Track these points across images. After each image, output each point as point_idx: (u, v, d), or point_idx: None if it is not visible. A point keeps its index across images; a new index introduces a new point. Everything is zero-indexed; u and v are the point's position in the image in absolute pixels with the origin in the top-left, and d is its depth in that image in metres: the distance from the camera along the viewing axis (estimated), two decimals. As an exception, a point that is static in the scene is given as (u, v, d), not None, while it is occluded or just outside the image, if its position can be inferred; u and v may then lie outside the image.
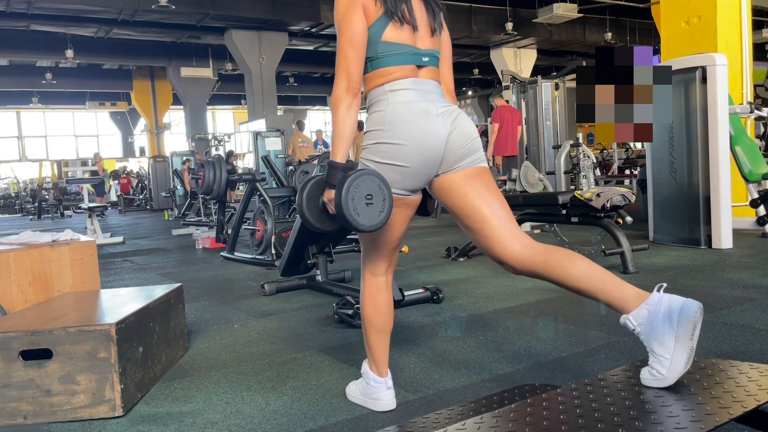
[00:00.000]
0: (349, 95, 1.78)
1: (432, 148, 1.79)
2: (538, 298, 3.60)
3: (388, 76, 1.83)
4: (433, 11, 1.93)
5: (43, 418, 2.15)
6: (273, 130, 11.94)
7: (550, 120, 8.72)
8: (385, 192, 1.74)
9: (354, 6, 1.80)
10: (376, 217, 1.73)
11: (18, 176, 22.71)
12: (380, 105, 1.83)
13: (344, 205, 1.68)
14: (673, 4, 6.42)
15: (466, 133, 1.85)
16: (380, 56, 1.83)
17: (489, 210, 1.82)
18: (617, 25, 16.02)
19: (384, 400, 2.05)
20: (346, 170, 1.73)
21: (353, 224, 1.70)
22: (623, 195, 4.30)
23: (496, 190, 1.87)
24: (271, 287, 4.15)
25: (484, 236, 1.82)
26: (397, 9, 1.82)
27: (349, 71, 1.78)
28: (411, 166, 1.80)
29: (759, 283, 3.67)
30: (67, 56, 14.59)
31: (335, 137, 1.79)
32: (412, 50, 1.85)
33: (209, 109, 22.45)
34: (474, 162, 1.87)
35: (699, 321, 1.49)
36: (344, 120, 1.77)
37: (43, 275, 2.95)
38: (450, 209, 1.90)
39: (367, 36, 1.82)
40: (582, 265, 1.68)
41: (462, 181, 1.85)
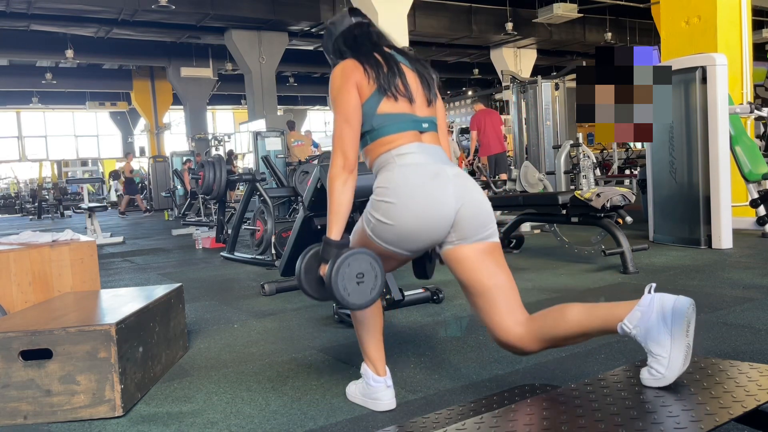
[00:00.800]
0: (345, 172, 1.80)
1: (438, 213, 1.77)
2: (538, 298, 3.60)
3: (392, 144, 1.84)
4: (427, 83, 1.96)
5: (43, 418, 2.15)
6: (273, 130, 11.94)
7: (550, 120, 8.71)
8: (377, 270, 1.77)
9: (347, 84, 1.84)
10: (367, 295, 1.77)
11: (18, 176, 22.70)
12: (389, 167, 1.83)
13: (334, 284, 1.72)
14: (673, 4, 6.42)
15: (478, 203, 1.83)
16: (378, 127, 1.85)
17: (499, 292, 1.79)
18: (617, 25, 16.01)
19: (384, 399, 2.06)
20: (340, 247, 1.77)
21: (343, 303, 1.75)
22: (623, 195, 4.30)
23: (505, 267, 1.85)
24: (271, 287, 4.15)
25: (489, 317, 1.81)
26: (391, 85, 1.85)
27: (344, 149, 1.81)
28: (411, 229, 1.78)
29: (759, 283, 3.67)
30: (67, 56, 14.59)
31: (331, 213, 1.80)
32: (411, 117, 1.88)
33: (209, 109, 22.44)
34: (489, 237, 1.84)
35: (692, 317, 1.50)
36: (340, 197, 1.79)
37: (43, 275, 2.95)
38: (459, 281, 1.88)
39: (360, 113, 1.85)
40: (573, 308, 1.68)
41: (476, 258, 1.82)
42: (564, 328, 1.67)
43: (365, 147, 1.90)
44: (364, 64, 1.88)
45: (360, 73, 1.86)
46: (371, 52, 1.92)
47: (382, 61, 1.90)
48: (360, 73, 1.86)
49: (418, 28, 13.61)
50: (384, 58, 1.91)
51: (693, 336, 1.51)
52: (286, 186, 8.11)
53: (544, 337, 1.72)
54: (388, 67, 1.88)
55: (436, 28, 14.26)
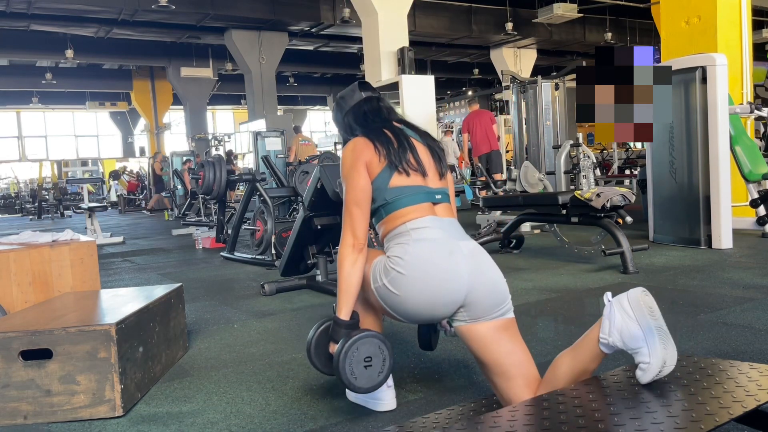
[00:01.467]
0: (355, 252, 1.81)
1: (447, 292, 1.74)
2: (538, 298, 3.60)
3: (406, 216, 1.83)
4: (438, 156, 1.96)
5: (43, 418, 2.15)
6: (273, 130, 11.95)
7: (550, 120, 8.71)
8: (386, 353, 1.79)
9: (357, 164, 1.85)
10: (374, 378, 1.79)
11: (18, 176, 22.69)
12: (403, 237, 1.82)
13: (342, 369, 1.74)
14: (673, 4, 6.42)
15: (492, 283, 1.80)
16: (392, 200, 1.85)
17: (516, 371, 1.77)
18: (617, 25, 16.01)
19: (384, 399, 2.06)
20: (348, 328, 1.79)
21: (350, 388, 1.77)
22: (623, 195, 4.30)
23: (520, 342, 1.83)
24: (271, 287, 4.15)
25: (506, 393, 1.79)
26: (402, 160, 1.86)
27: (354, 229, 1.83)
28: (416, 304, 1.76)
29: (759, 283, 3.67)
30: (67, 56, 14.58)
31: (340, 292, 1.81)
32: (424, 189, 1.88)
33: (209, 109, 22.43)
34: (504, 314, 1.81)
35: (649, 301, 1.55)
36: (349, 276, 1.80)
37: (43, 275, 2.95)
38: (475, 357, 1.85)
39: (370, 193, 1.86)
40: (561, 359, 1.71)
41: (491, 335, 1.79)
42: (563, 380, 1.68)
43: (380, 220, 1.89)
44: (374, 141, 1.88)
45: (370, 151, 1.87)
46: (381, 128, 1.93)
47: (393, 137, 1.90)
48: (370, 151, 1.87)
49: (418, 28, 13.61)
50: (394, 133, 1.92)
51: (662, 318, 1.56)
52: (286, 186, 8.11)
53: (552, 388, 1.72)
54: (398, 143, 1.89)
55: (436, 28, 14.26)
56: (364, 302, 1.93)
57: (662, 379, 1.53)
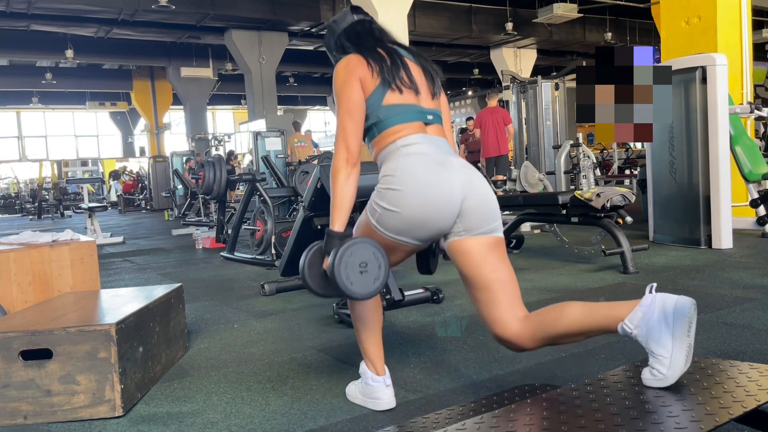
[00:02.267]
0: (348, 165, 1.80)
1: (443, 201, 1.76)
2: (538, 298, 3.60)
3: (398, 134, 1.84)
4: (431, 76, 1.96)
5: (43, 418, 2.15)
6: (273, 130, 11.95)
7: (550, 120, 8.71)
8: (381, 259, 1.76)
9: (350, 79, 1.84)
10: (370, 284, 1.76)
11: (18, 176, 22.70)
12: (394, 155, 1.83)
13: (337, 274, 1.71)
14: (673, 4, 6.42)
15: (484, 195, 1.82)
16: (385, 118, 1.85)
17: (500, 287, 1.79)
18: (617, 25, 16.02)
19: (383, 399, 2.05)
20: (342, 239, 1.76)
21: (347, 293, 1.74)
22: (623, 195, 4.30)
23: (507, 263, 1.85)
24: (271, 287, 4.14)
25: (489, 312, 1.80)
26: (395, 77, 1.86)
27: (348, 142, 1.81)
28: (418, 216, 1.77)
29: (759, 283, 3.67)
30: (67, 56, 14.59)
31: (334, 206, 1.80)
32: (417, 108, 1.88)
33: (209, 109, 22.44)
34: (494, 231, 1.83)
35: (694, 317, 1.49)
36: (343, 190, 1.79)
37: (43, 275, 2.95)
38: (461, 273, 1.87)
39: (364, 107, 1.85)
40: (572, 307, 1.68)
41: (480, 251, 1.81)
42: (563, 326, 1.66)
43: (373, 139, 1.90)
44: (368, 58, 1.88)
45: (363, 67, 1.86)
46: (374, 47, 1.92)
47: (386, 55, 1.90)
48: (363, 67, 1.86)
49: (418, 28, 13.61)
50: (387, 52, 1.91)
51: (694, 336, 1.50)
52: (286, 186, 8.11)
53: (542, 334, 1.72)
54: (391, 61, 1.89)
55: (436, 28, 14.26)
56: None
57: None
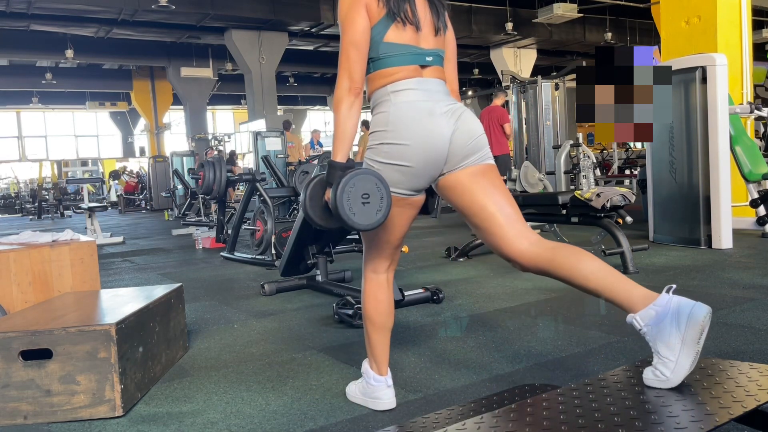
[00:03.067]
0: (351, 95, 1.77)
1: (435, 148, 1.79)
2: (538, 298, 3.60)
3: (391, 77, 1.83)
4: (437, 10, 1.92)
5: (43, 418, 2.15)
6: (273, 130, 11.94)
7: (550, 120, 8.71)
8: (383, 191, 1.74)
9: (356, 6, 1.80)
10: (373, 216, 1.73)
11: (18, 176, 22.70)
12: (383, 106, 1.83)
13: (339, 204, 1.69)
14: (673, 4, 6.42)
15: (470, 131, 1.84)
16: (382, 57, 1.83)
17: (496, 207, 1.81)
18: (617, 25, 16.02)
19: (384, 399, 2.05)
20: (344, 169, 1.73)
21: (349, 223, 1.71)
22: (623, 195, 4.30)
23: (503, 187, 1.86)
24: (271, 287, 4.15)
25: (492, 233, 1.81)
26: (400, 9, 1.81)
27: (351, 71, 1.78)
28: (414, 165, 1.79)
29: (759, 283, 3.67)
30: (67, 56, 14.59)
31: (336, 137, 1.78)
32: (415, 50, 1.85)
33: (209, 109, 22.45)
34: (480, 159, 1.85)
35: (707, 325, 1.48)
36: (346, 120, 1.77)
37: (43, 275, 2.95)
38: (457, 207, 1.89)
39: (369, 36, 1.81)
40: (590, 263, 1.67)
41: (468, 179, 1.83)
42: (574, 274, 1.66)
43: (368, 74, 1.87)
44: None
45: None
46: None
47: None
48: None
49: (418, 28, 13.59)
50: None
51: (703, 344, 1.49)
52: (286, 186, 8.11)
53: (550, 267, 1.71)
54: None
55: (436, 28, 14.24)
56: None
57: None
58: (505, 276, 4.29)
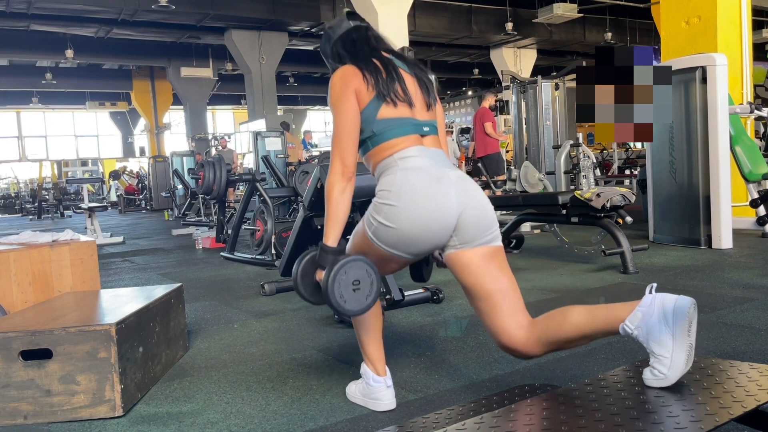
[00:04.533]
0: (344, 180, 1.80)
1: (440, 217, 1.76)
2: (538, 298, 3.60)
3: (395, 148, 1.84)
4: (427, 88, 1.96)
5: (43, 418, 2.15)
6: (273, 130, 11.94)
7: (550, 120, 8.70)
8: (373, 276, 1.78)
9: (346, 92, 1.84)
10: (363, 301, 1.78)
11: (18, 176, 22.69)
12: (391, 170, 1.83)
13: (330, 292, 1.73)
14: (673, 4, 6.42)
15: (481, 207, 1.82)
16: (380, 132, 1.85)
17: (501, 295, 1.80)
18: (617, 25, 16.01)
19: (384, 399, 2.06)
20: (336, 254, 1.78)
21: (339, 310, 1.77)
22: (623, 195, 4.30)
23: (508, 272, 1.85)
24: (271, 287, 4.15)
25: (492, 321, 1.81)
26: (390, 91, 1.85)
27: (343, 156, 1.81)
28: (414, 232, 1.77)
29: (759, 283, 3.67)
30: (67, 56, 14.59)
31: (328, 220, 1.81)
32: (412, 122, 1.88)
33: (209, 109, 22.43)
34: (491, 241, 1.83)
35: (694, 316, 1.50)
36: (338, 204, 1.79)
37: (43, 275, 2.95)
38: (462, 285, 1.88)
39: (359, 121, 1.85)
40: (576, 311, 1.69)
41: (479, 262, 1.81)
42: (566, 331, 1.67)
43: (367, 152, 1.90)
44: (363, 70, 1.87)
45: (359, 79, 1.86)
46: (370, 58, 1.92)
47: (381, 66, 1.89)
48: (359, 79, 1.86)
49: (418, 28, 13.61)
50: (382, 63, 1.91)
51: (695, 336, 1.51)
52: (286, 186, 8.11)
53: (547, 340, 1.73)
54: (386, 73, 1.88)
55: (436, 28, 14.26)
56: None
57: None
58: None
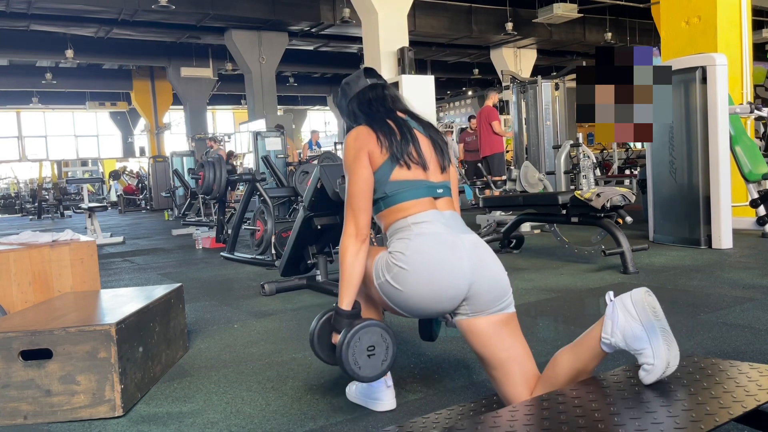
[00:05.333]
0: (358, 242, 1.80)
1: (451, 286, 1.74)
2: (538, 298, 3.60)
3: (407, 211, 1.82)
4: (441, 149, 1.94)
5: (43, 418, 2.15)
6: (273, 130, 11.94)
7: (550, 120, 8.70)
8: (389, 341, 1.78)
9: (360, 154, 1.84)
10: (378, 366, 1.78)
11: (18, 176, 22.69)
12: (404, 232, 1.81)
13: (345, 359, 1.73)
14: (673, 4, 6.42)
15: (494, 277, 1.80)
16: (392, 194, 1.84)
17: (514, 364, 1.78)
18: (617, 25, 16.01)
19: (384, 400, 2.06)
20: (350, 318, 1.78)
21: (354, 377, 1.77)
22: (623, 195, 4.30)
23: (520, 337, 1.83)
24: (271, 287, 4.15)
25: (505, 389, 1.80)
26: (404, 153, 1.84)
27: (357, 219, 1.81)
28: (421, 298, 1.75)
29: (759, 283, 3.67)
30: (67, 56, 14.59)
31: (343, 283, 1.80)
32: (425, 184, 1.86)
33: (209, 109, 22.44)
34: (504, 308, 1.81)
35: (653, 301, 1.55)
36: (352, 267, 1.79)
37: (43, 275, 2.95)
38: (475, 352, 1.86)
39: (372, 183, 1.84)
40: (561, 355, 1.71)
41: (491, 331, 1.79)
42: (564, 376, 1.68)
43: (378, 212, 1.88)
44: (377, 132, 1.86)
45: (373, 141, 1.85)
46: (385, 119, 1.91)
47: (396, 128, 1.88)
48: (373, 141, 1.85)
49: (418, 28, 13.61)
50: (397, 124, 1.89)
51: (665, 318, 1.55)
52: (286, 186, 8.11)
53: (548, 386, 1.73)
54: (401, 135, 1.86)
55: (436, 28, 14.26)
56: (366, 297, 1.92)
57: (662, 379, 1.53)
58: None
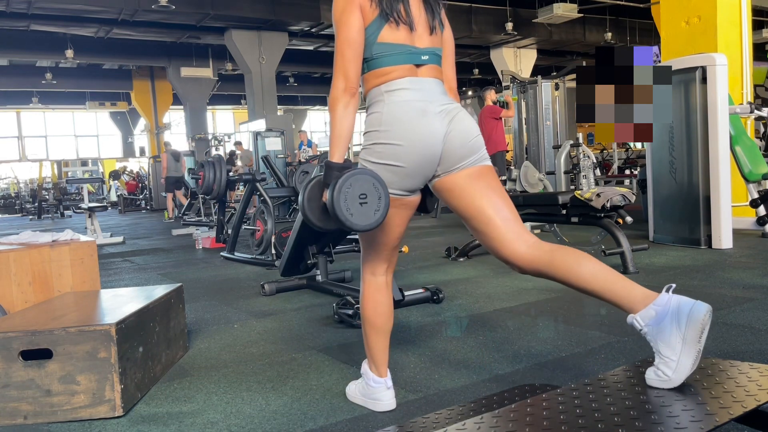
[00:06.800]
0: (347, 95, 1.77)
1: (428, 148, 1.78)
2: (538, 298, 3.60)
3: (386, 76, 1.83)
4: (432, 9, 1.91)
5: (43, 418, 2.15)
6: (273, 130, 11.94)
7: (550, 120, 8.71)
8: (381, 191, 1.73)
9: (351, 6, 1.80)
10: (371, 216, 1.72)
11: (18, 176, 22.70)
12: (377, 106, 1.83)
13: (336, 205, 1.68)
14: (673, 4, 6.42)
15: (465, 132, 1.83)
16: (376, 57, 1.83)
17: (493, 210, 1.80)
18: (617, 25, 16.01)
19: (384, 400, 2.05)
20: (341, 170, 1.73)
21: (347, 224, 1.70)
22: (623, 195, 4.30)
23: (500, 189, 1.85)
24: (271, 287, 4.15)
25: (490, 237, 1.81)
26: (393, 10, 1.81)
27: (346, 71, 1.78)
28: (406, 166, 1.79)
29: (759, 283, 3.67)
30: (67, 56, 14.58)
31: (333, 137, 1.78)
32: (409, 50, 1.84)
33: (209, 109, 22.44)
34: (476, 161, 1.84)
35: (707, 324, 1.48)
36: (341, 120, 1.77)
37: (43, 275, 2.95)
38: (454, 210, 1.89)
39: (363, 35, 1.81)
40: (589, 264, 1.66)
41: (465, 182, 1.83)
42: (573, 276, 1.65)
43: (363, 75, 1.87)
44: None
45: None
46: None
47: None
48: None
49: (418, 28, 13.58)
50: None
51: (705, 343, 1.49)
52: (286, 186, 8.11)
53: (548, 270, 1.71)
54: None
55: (436, 28, 14.23)
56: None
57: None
58: (505, 276, 4.29)
